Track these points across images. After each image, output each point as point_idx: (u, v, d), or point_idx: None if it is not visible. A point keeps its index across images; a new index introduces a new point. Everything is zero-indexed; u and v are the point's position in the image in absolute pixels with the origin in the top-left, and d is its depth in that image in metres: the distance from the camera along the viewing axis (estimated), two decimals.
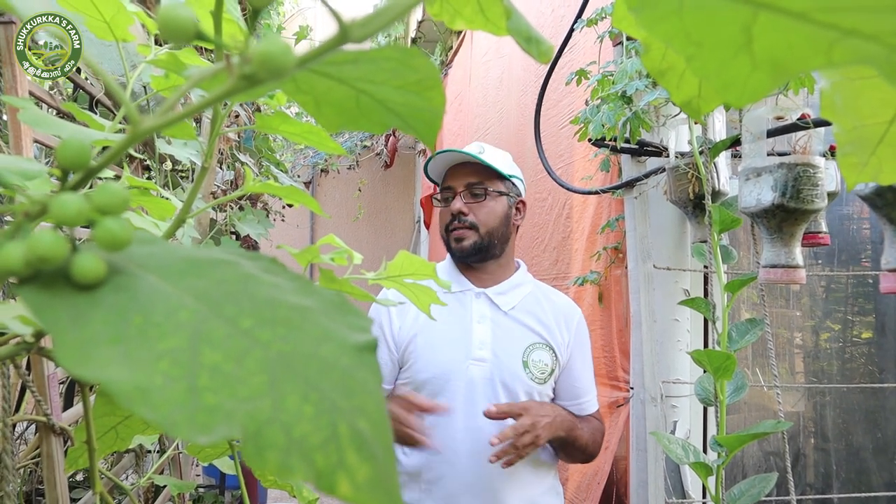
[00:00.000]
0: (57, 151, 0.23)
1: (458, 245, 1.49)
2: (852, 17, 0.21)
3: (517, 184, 1.55)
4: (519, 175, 1.56)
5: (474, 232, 1.48)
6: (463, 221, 1.47)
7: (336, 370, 0.23)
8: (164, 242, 0.28)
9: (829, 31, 0.22)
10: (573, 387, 1.50)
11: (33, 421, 1.02)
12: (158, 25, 0.21)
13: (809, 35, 0.23)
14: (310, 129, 0.51)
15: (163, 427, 0.19)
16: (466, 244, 1.47)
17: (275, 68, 0.19)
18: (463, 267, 1.54)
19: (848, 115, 0.46)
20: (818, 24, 0.22)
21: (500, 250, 1.51)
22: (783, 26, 0.23)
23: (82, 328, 0.21)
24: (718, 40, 0.24)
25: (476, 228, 1.47)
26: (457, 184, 1.50)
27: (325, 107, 0.31)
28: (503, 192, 1.51)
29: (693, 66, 0.27)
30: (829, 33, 0.22)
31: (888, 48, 0.22)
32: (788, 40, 0.23)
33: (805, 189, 1.17)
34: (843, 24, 0.22)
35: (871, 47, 0.22)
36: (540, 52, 0.36)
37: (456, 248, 1.49)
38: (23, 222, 0.23)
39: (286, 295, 0.26)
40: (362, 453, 0.21)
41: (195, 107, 0.21)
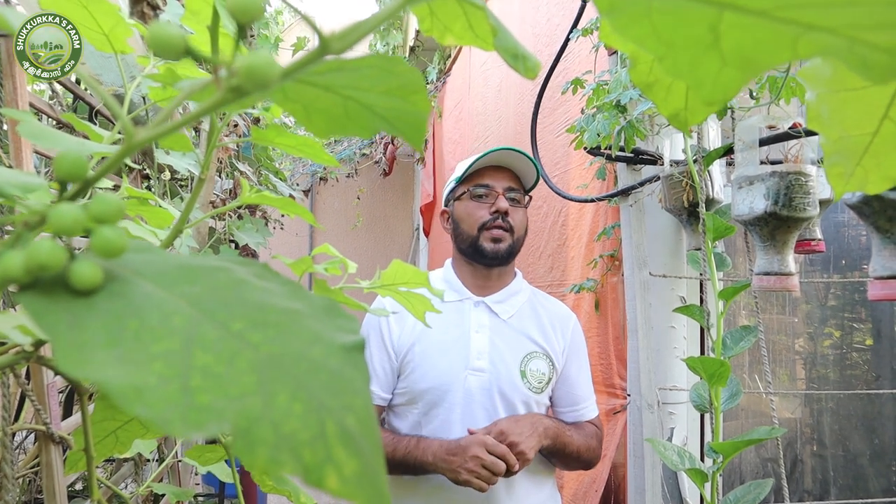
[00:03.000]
0: (54, 164, 0.24)
1: (494, 246, 1.45)
2: (810, 12, 0.22)
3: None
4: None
5: (510, 235, 1.46)
6: (504, 221, 1.45)
7: (324, 370, 0.24)
8: (158, 250, 0.29)
9: (791, 27, 0.23)
10: (570, 393, 1.49)
11: (33, 430, 1.02)
12: (149, 43, 0.22)
13: (773, 31, 0.24)
14: (305, 142, 0.52)
15: (157, 424, 0.20)
16: (503, 246, 1.45)
17: (260, 80, 0.21)
18: (464, 274, 1.53)
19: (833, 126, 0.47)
20: (779, 20, 0.23)
21: (513, 259, 1.52)
22: (748, 24, 0.24)
23: (80, 332, 0.22)
24: (687, 40, 0.26)
25: (512, 232, 1.46)
26: (497, 184, 1.47)
27: (314, 114, 0.32)
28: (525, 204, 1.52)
29: (665, 66, 0.28)
30: (792, 29, 0.23)
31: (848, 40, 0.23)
32: (754, 37, 0.24)
33: (797, 197, 1.18)
34: (803, 20, 0.23)
35: (832, 40, 0.23)
36: (526, 68, 0.37)
37: (491, 249, 1.45)
38: (23, 232, 0.24)
39: (277, 299, 0.27)
40: (349, 449, 0.22)
41: (186, 118, 0.22)
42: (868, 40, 0.22)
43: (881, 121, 0.44)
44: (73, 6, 0.59)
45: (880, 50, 0.22)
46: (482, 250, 1.46)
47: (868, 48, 0.22)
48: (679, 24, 0.24)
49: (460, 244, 1.51)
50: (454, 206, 1.53)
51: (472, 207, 1.48)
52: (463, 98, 4.61)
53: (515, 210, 1.48)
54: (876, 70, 0.23)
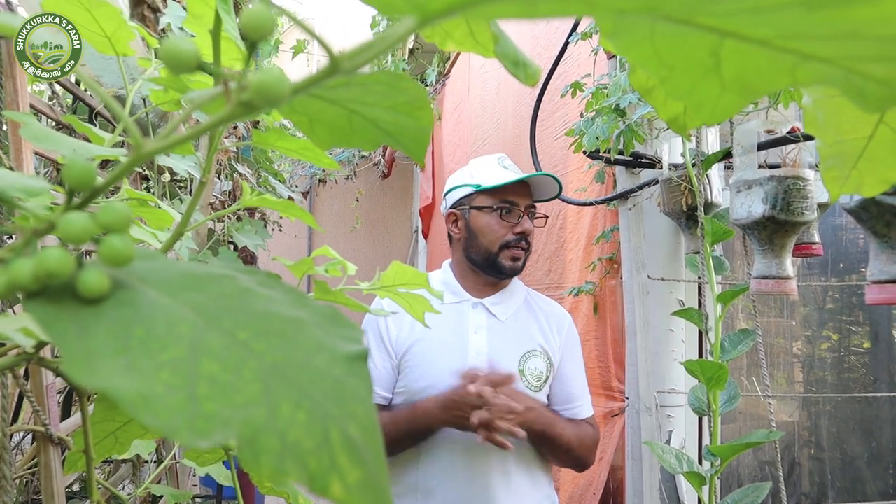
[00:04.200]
0: (63, 173, 0.25)
1: (513, 264, 1.47)
2: (809, 43, 0.22)
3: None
4: None
5: (526, 254, 1.49)
6: (527, 242, 1.48)
7: (328, 379, 0.24)
8: (164, 258, 0.29)
9: (790, 56, 0.24)
10: (565, 391, 1.50)
11: (31, 431, 1.03)
12: (162, 58, 0.22)
13: (773, 59, 0.24)
14: (305, 146, 0.52)
15: (164, 433, 0.20)
16: (520, 264, 1.49)
17: (271, 97, 0.21)
18: (462, 277, 1.54)
19: (829, 131, 0.48)
20: (780, 49, 0.23)
21: None
22: (748, 51, 0.24)
23: (88, 340, 0.22)
24: (689, 64, 0.26)
25: (528, 251, 1.50)
26: (521, 202, 1.48)
27: (317, 125, 0.33)
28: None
29: (667, 88, 0.29)
30: (791, 58, 0.24)
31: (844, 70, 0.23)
32: (754, 63, 0.25)
33: (795, 201, 1.18)
34: (803, 50, 0.23)
35: (829, 70, 0.24)
36: (527, 75, 0.37)
37: (510, 268, 1.47)
38: (31, 239, 0.25)
39: (281, 308, 0.27)
40: (353, 457, 0.22)
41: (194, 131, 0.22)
42: (864, 71, 0.22)
43: (876, 125, 0.45)
44: (76, 9, 0.59)
45: (876, 81, 0.23)
46: (500, 267, 1.48)
47: (864, 79, 0.23)
48: (680, 47, 0.25)
49: (472, 254, 1.51)
50: (471, 215, 1.50)
51: (495, 223, 1.47)
52: (462, 101, 4.62)
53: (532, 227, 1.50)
54: (871, 100, 0.23)
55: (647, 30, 0.24)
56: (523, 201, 1.48)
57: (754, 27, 0.22)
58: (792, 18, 0.21)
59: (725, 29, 0.23)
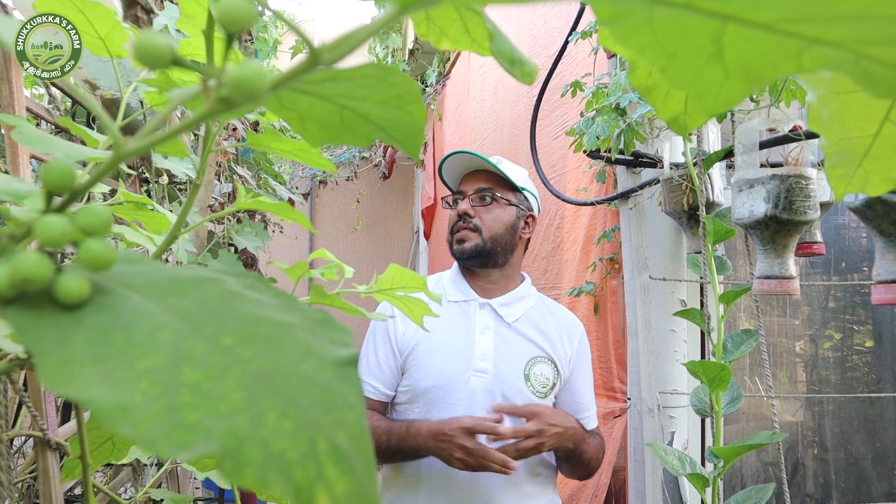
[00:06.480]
0: (41, 174, 0.24)
1: (459, 246, 1.50)
2: (815, 26, 0.22)
3: (529, 198, 1.56)
4: (532, 191, 1.57)
5: (477, 235, 1.49)
6: (467, 223, 1.50)
7: (316, 386, 0.23)
8: (149, 261, 0.29)
9: (796, 41, 0.23)
10: (574, 402, 1.49)
11: (30, 436, 1.02)
12: (135, 53, 0.21)
13: (778, 44, 0.23)
14: (300, 147, 0.51)
15: (142, 444, 0.19)
16: (467, 246, 1.49)
17: (249, 92, 0.20)
18: (469, 276, 1.54)
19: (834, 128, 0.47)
20: (784, 33, 0.22)
21: (503, 259, 1.52)
22: (752, 36, 0.23)
23: (65, 348, 0.21)
24: (690, 50, 0.25)
25: (480, 231, 1.49)
26: (468, 188, 1.53)
27: (308, 122, 0.32)
28: (513, 202, 1.52)
29: (668, 77, 0.28)
30: (797, 42, 0.23)
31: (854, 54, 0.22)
32: (759, 49, 0.24)
33: (798, 200, 1.17)
34: (809, 34, 0.22)
35: (837, 54, 0.23)
36: (523, 73, 0.37)
37: (457, 249, 1.51)
38: (8, 244, 0.24)
39: (269, 312, 0.26)
40: (341, 467, 0.21)
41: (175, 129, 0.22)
42: (874, 55, 0.21)
43: (882, 123, 0.44)
44: (70, 10, 0.59)
45: (886, 65, 0.22)
46: (453, 251, 1.54)
47: (874, 63, 0.22)
48: (681, 34, 0.24)
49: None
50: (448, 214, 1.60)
51: (448, 214, 1.57)
52: (462, 101, 4.61)
53: (487, 209, 1.51)
54: (882, 84, 0.22)
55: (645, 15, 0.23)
56: (471, 187, 1.53)
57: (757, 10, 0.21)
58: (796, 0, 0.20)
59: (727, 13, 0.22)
